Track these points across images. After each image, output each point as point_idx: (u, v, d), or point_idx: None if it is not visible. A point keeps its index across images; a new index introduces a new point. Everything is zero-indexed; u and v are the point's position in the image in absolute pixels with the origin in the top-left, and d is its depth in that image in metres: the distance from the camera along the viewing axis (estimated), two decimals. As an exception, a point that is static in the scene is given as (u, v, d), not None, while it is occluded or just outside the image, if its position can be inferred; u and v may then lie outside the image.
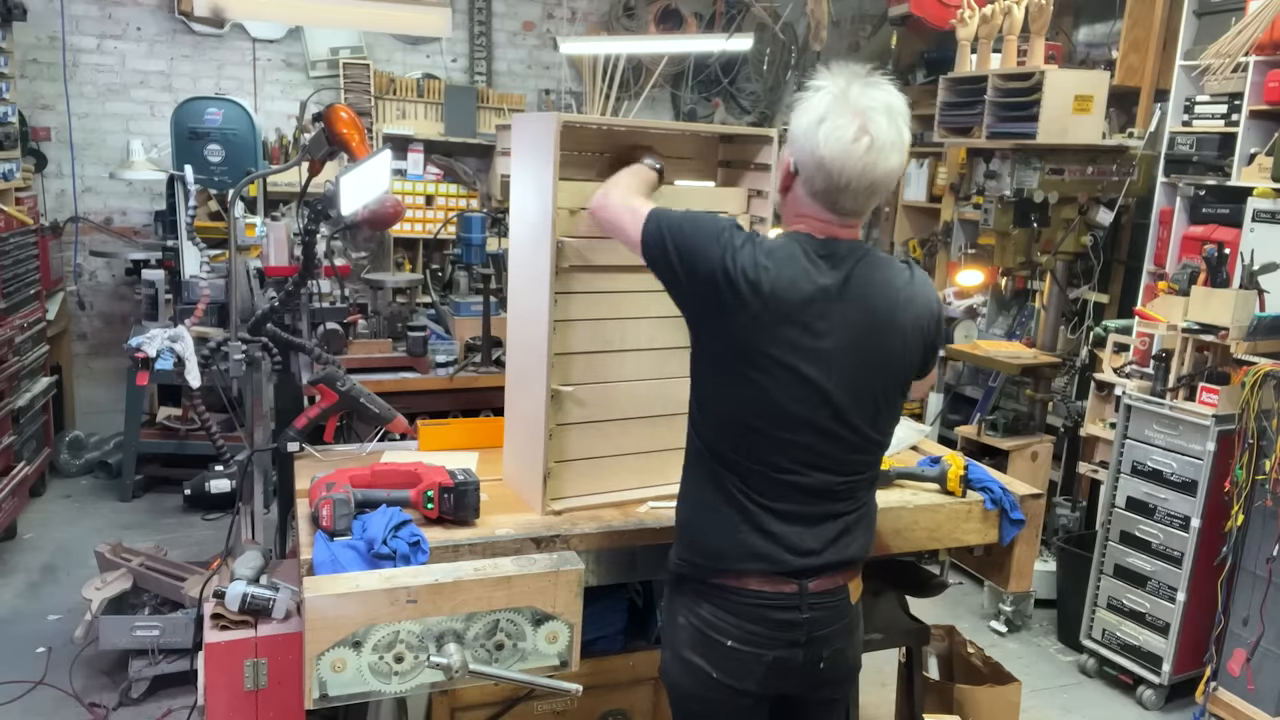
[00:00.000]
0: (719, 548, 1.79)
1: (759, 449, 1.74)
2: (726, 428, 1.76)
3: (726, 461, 1.77)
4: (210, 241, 4.09)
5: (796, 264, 1.69)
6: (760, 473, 1.75)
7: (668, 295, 1.90)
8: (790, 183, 1.76)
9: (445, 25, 4.72)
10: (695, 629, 1.82)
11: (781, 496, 1.76)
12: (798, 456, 1.74)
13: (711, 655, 1.80)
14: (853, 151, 1.63)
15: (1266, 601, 3.18)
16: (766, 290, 1.65)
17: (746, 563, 1.77)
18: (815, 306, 1.68)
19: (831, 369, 1.70)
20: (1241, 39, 3.50)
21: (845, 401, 1.72)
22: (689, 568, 1.84)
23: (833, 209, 1.71)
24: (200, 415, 2.73)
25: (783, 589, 1.78)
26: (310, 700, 1.66)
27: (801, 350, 1.68)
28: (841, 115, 1.63)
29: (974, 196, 4.56)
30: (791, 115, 1.74)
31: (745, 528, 1.76)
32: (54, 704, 3.16)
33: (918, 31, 5.78)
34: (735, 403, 1.74)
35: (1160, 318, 3.54)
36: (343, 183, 2.41)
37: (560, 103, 6.36)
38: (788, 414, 1.71)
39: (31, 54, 5.26)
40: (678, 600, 1.87)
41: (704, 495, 1.81)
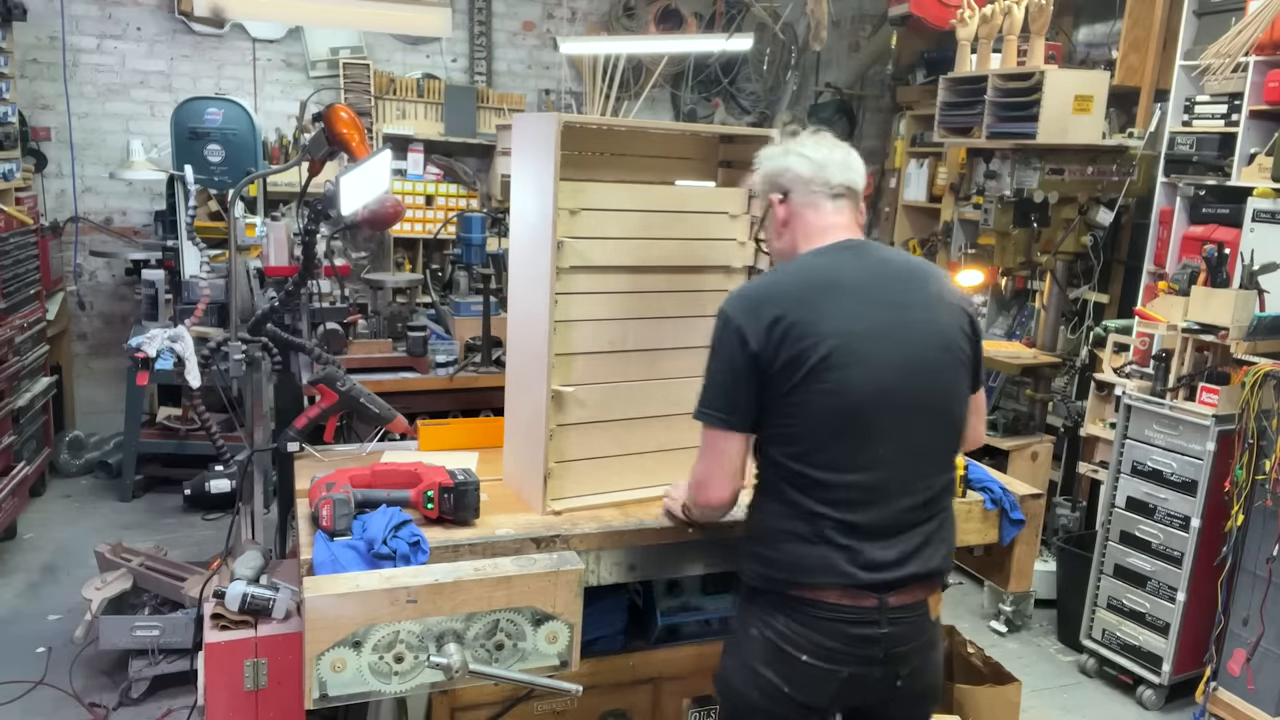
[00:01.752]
0: (795, 560, 1.75)
1: (834, 456, 1.72)
2: (799, 438, 1.73)
3: (799, 473, 1.74)
4: (210, 241, 4.09)
5: (808, 269, 1.79)
6: (837, 481, 1.72)
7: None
8: (785, 212, 1.88)
9: (445, 25, 4.73)
10: (769, 642, 1.78)
11: (859, 506, 1.72)
12: (874, 458, 1.72)
13: (784, 670, 1.76)
14: (819, 140, 1.88)
15: (1266, 601, 3.18)
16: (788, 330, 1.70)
17: (824, 576, 1.73)
18: (846, 294, 1.75)
19: (885, 339, 1.73)
20: (1241, 39, 3.49)
21: (915, 386, 1.74)
22: (763, 580, 1.80)
23: (826, 187, 1.84)
24: (200, 415, 2.73)
25: (861, 603, 1.73)
26: (310, 700, 1.66)
27: (853, 336, 1.71)
28: (798, 141, 1.89)
29: (974, 196, 4.56)
30: (759, 177, 1.93)
31: (822, 540, 1.73)
32: (54, 704, 3.16)
33: (918, 31, 5.78)
34: (805, 411, 1.71)
35: (1160, 318, 3.54)
36: (343, 183, 2.41)
37: (560, 103, 6.36)
38: (861, 412, 1.71)
39: (31, 54, 5.26)
40: (751, 612, 1.83)
41: (778, 506, 1.78)
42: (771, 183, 1.90)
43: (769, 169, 1.90)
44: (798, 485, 1.74)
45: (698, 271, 2.25)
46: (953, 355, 1.80)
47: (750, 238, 2.27)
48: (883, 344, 1.72)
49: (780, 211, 1.88)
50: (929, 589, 1.81)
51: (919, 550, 1.77)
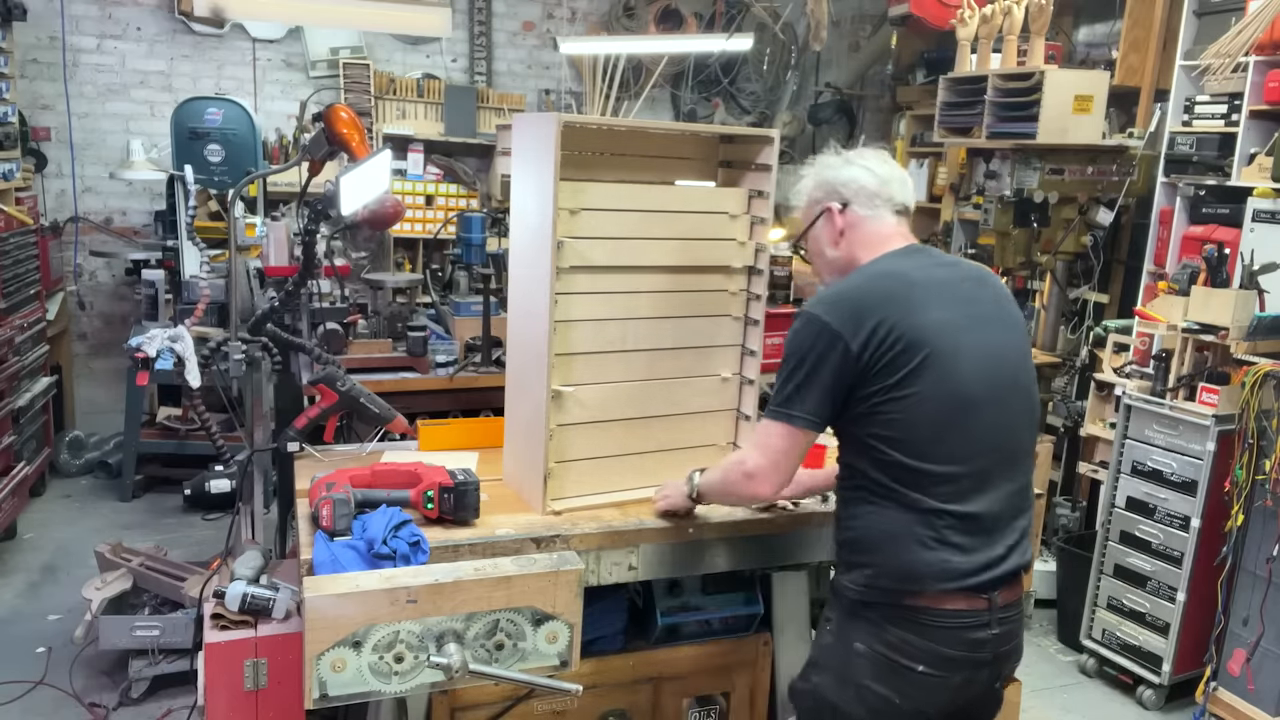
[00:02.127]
0: (911, 567, 1.72)
1: (949, 446, 1.72)
2: (912, 433, 1.72)
3: (914, 468, 1.71)
4: (210, 241, 4.09)
5: (887, 273, 1.81)
6: (952, 473, 1.71)
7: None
8: (844, 221, 1.90)
9: (445, 25, 4.72)
10: (880, 656, 1.74)
11: (972, 496, 1.72)
12: (983, 445, 1.74)
13: (897, 683, 1.74)
14: (881, 157, 1.94)
15: (1266, 601, 3.18)
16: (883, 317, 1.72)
17: (943, 581, 1.70)
18: (930, 290, 1.78)
19: (971, 331, 1.77)
20: (1241, 39, 3.49)
21: (1005, 373, 1.79)
22: (875, 593, 1.76)
23: (889, 202, 1.89)
24: (200, 415, 2.73)
25: (975, 605, 1.73)
26: (310, 700, 1.66)
27: (945, 326, 1.74)
28: (859, 152, 1.94)
29: (974, 196, 4.56)
30: (813, 183, 1.95)
31: (941, 542, 1.71)
32: (54, 704, 3.16)
33: (918, 31, 5.78)
34: (917, 404, 1.71)
35: (1160, 318, 3.54)
36: (343, 183, 2.41)
37: (560, 103, 6.36)
38: (969, 399, 1.73)
39: (31, 54, 5.26)
40: (856, 626, 1.79)
41: (892, 511, 1.74)
42: (831, 190, 1.92)
43: (829, 176, 1.93)
44: (911, 482, 1.72)
45: (698, 271, 2.25)
46: (1024, 345, 1.88)
47: (790, 247, 2.27)
48: (974, 335, 1.77)
49: (838, 221, 1.91)
50: (1023, 584, 1.83)
51: (1019, 543, 1.79)
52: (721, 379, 2.32)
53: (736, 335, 2.32)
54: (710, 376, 2.31)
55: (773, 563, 2.27)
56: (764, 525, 2.19)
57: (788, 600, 2.40)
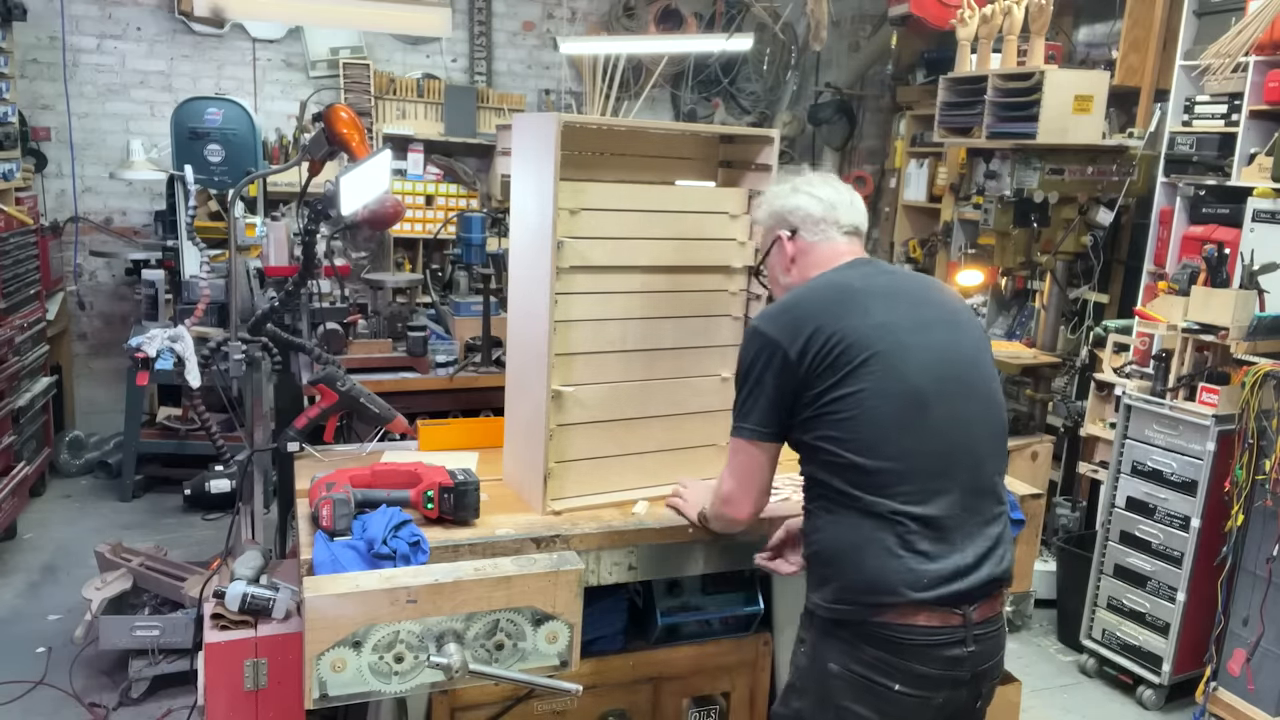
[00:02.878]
0: (877, 577, 1.69)
1: (901, 441, 1.70)
2: (862, 431, 1.70)
3: (865, 468, 1.70)
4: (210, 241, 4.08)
5: (829, 283, 1.84)
6: (906, 469, 1.69)
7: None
8: (794, 248, 1.93)
9: (445, 25, 4.72)
10: (855, 676, 1.72)
11: (932, 496, 1.70)
12: (938, 439, 1.72)
13: (876, 703, 1.71)
14: (825, 179, 1.96)
15: (1266, 601, 3.18)
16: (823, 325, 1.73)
17: (909, 591, 1.67)
18: (871, 295, 1.79)
19: (916, 333, 1.77)
20: (1241, 39, 3.49)
21: (959, 373, 1.79)
22: (845, 610, 1.73)
23: (836, 226, 1.91)
24: (200, 415, 2.73)
25: (949, 622, 1.70)
26: (310, 700, 1.66)
27: (888, 328, 1.75)
28: (805, 179, 1.96)
29: (974, 196, 4.55)
30: (764, 213, 1.99)
31: (903, 545, 1.68)
32: (54, 704, 3.16)
33: (918, 31, 5.78)
34: (863, 401, 1.70)
35: (1160, 318, 3.54)
36: (343, 183, 2.41)
37: (560, 103, 6.36)
38: (919, 392, 1.72)
39: (31, 54, 5.26)
40: (828, 646, 1.76)
41: (851, 518, 1.72)
42: (779, 219, 1.95)
43: (777, 206, 1.96)
44: (867, 484, 1.70)
45: (698, 271, 2.25)
46: (978, 346, 1.87)
47: (753, 271, 2.29)
48: (919, 336, 1.77)
49: (789, 248, 1.94)
50: (1001, 599, 1.80)
51: (991, 551, 1.75)
52: (721, 379, 2.32)
53: (736, 335, 2.32)
54: (710, 376, 2.31)
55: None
56: (764, 526, 2.19)
57: (788, 600, 2.40)
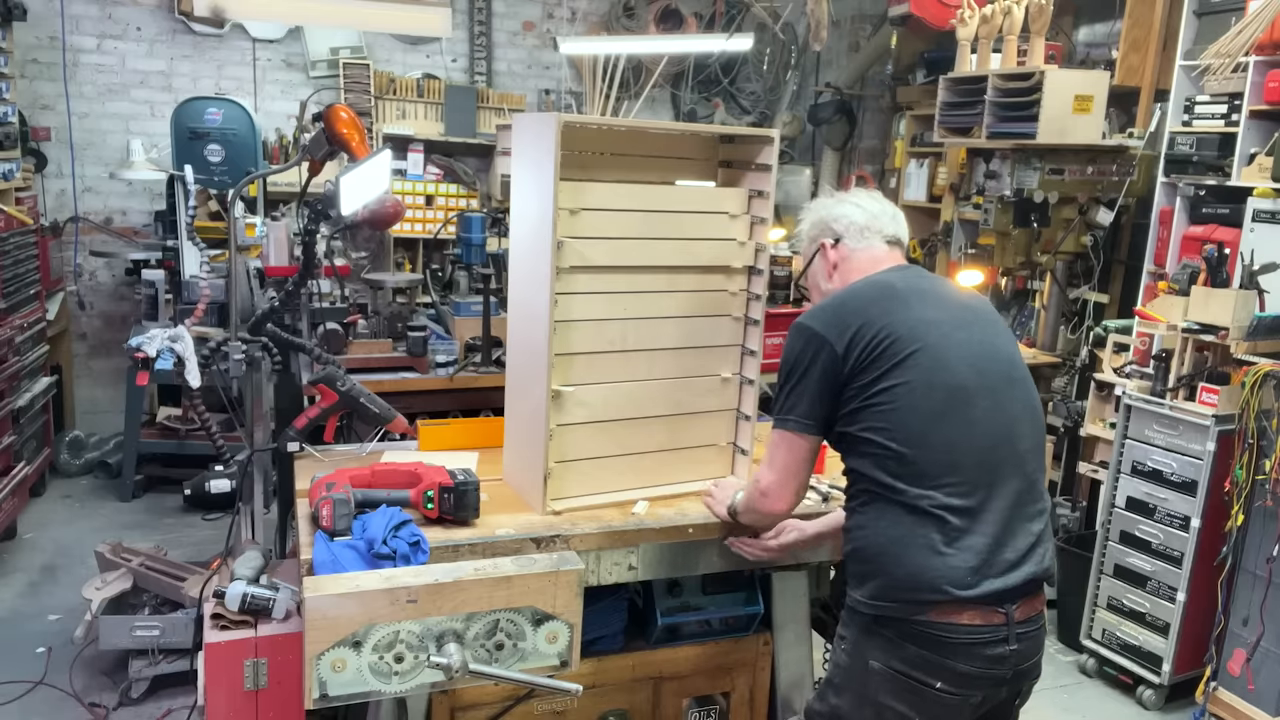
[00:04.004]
0: (919, 574, 1.69)
1: (944, 432, 1.72)
2: (906, 420, 1.72)
3: (911, 460, 1.71)
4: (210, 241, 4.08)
5: (871, 283, 1.88)
6: (949, 461, 1.71)
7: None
8: (836, 255, 1.98)
9: (445, 25, 4.72)
10: (896, 674, 1.72)
11: (975, 488, 1.71)
12: (980, 431, 1.74)
13: (916, 700, 1.72)
14: (870, 194, 2.03)
15: (1266, 601, 3.18)
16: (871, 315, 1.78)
17: (954, 586, 1.67)
18: (914, 294, 1.84)
19: (958, 332, 1.81)
20: (1241, 39, 3.50)
21: (999, 369, 1.82)
22: (888, 607, 1.73)
23: (880, 234, 1.97)
24: (200, 415, 2.74)
25: (992, 620, 1.70)
26: (310, 700, 1.66)
27: (932, 324, 1.79)
28: (850, 193, 2.03)
29: (974, 196, 4.56)
30: (808, 223, 2.05)
31: (947, 541, 1.68)
32: (54, 704, 3.16)
33: (918, 31, 5.78)
34: (908, 392, 1.73)
35: (1160, 318, 3.54)
36: (343, 183, 2.41)
37: (560, 103, 6.36)
38: (961, 384, 1.75)
39: (31, 54, 5.25)
40: (871, 644, 1.76)
41: (895, 513, 1.72)
42: (823, 227, 2.01)
43: (822, 214, 2.02)
44: (911, 477, 1.71)
45: (698, 271, 2.25)
46: (1015, 348, 1.91)
47: (794, 284, 2.32)
48: (963, 332, 1.81)
49: (831, 255, 1.99)
50: (1042, 597, 1.81)
51: (1034, 548, 1.76)
52: (721, 379, 2.32)
53: (736, 335, 2.32)
54: (710, 376, 2.31)
55: (773, 563, 2.27)
56: (764, 525, 2.19)
57: (788, 600, 2.40)
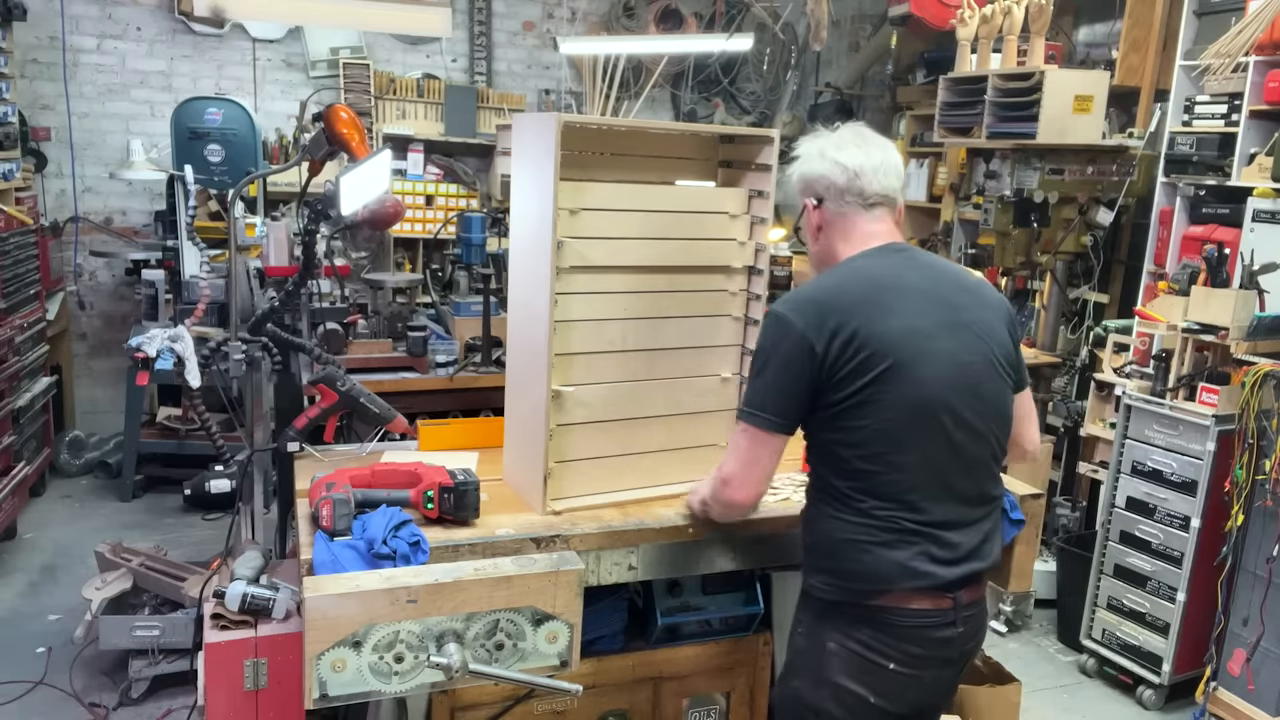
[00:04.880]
0: (875, 570, 1.73)
1: (909, 452, 1.72)
2: (873, 438, 1.72)
3: (873, 473, 1.73)
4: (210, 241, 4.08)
5: (860, 276, 1.80)
6: (911, 481, 1.72)
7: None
8: (819, 217, 1.89)
9: (445, 25, 4.72)
10: (852, 654, 1.77)
11: (933, 501, 1.74)
12: (944, 450, 1.74)
13: (870, 680, 1.76)
14: (858, 140, 1.87)
15: (1267, 601, 3.18)
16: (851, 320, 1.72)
17: (905, 581, 1.72)
18: (901, 296, 1.77)
19: (942, 338, 1.76)
20: (1241, 39, 3.50)
21: (972, 380, 1.77)
22: (842, 593, 1.78)
23: (860, 196, 1.84)
24: (200, 415, 2.73)
25: (941, 604, 1.75)
26: (310, 700, 1.66)
27: (913, 333, 1.74)
28: (836, 140, 1.88)
29: (974, 196, 4.56)
30: (795, 175, 1.92)
31: (902, 542, 1.72)
32: (54, 704, 3.16)
33: (918, 31, 5.78)
34: (878, 411, 1.71)
35: (1160, 318, 3.54)
36: (343, 183, 2.41)
37: (560, 103, 6.36)
38: (930, 405, 1.72)
39: (31, 54, 5.26)
40: (825, 625, 1.81)
41: (850, 516, 1.75)
42: (807, 185, 1.91)
43: (804, 171, 1.91)
44: (873, 490, 1.73)
45: (698, 271, 2.25)
46: (1002, 351, 1.84)
47: (794, 230, 2.26)
48: (944, 340, 1.76)
49: (814, 217, 1.91)
50: (984, 584, 1.87)
51: (980, 546, 1.80)
52: (721, 379, 2.32)
53: (736, 335, 2.32)
54: (710, 376, 2.31)
55: (773, 563, 2.27)
56: (764, 525, 2.19)
57: (788, 600, 2.39)
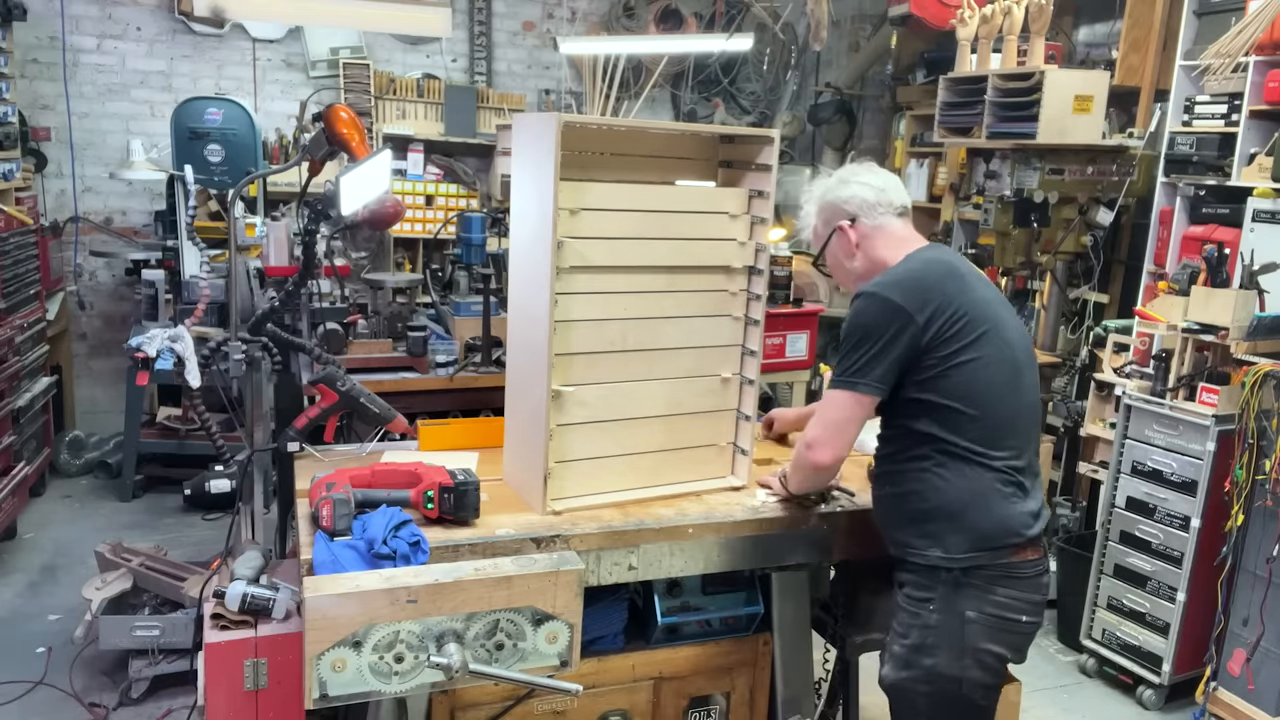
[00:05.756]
0: (1006, 523, 1.92)
1: (1008, 408, 1.95)
2: (979, 396, 1.91)
3: (983, 433, 1.91)
4: (210, 241, 4.09)
5: (936, 260, 2.03)
6: (1011, 433, 1.95)
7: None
8: (856, 234, 2.10)
9: (445, 25, 4.72)
10: (991, 618, 1.92)
11: (1023, 452, 1.97)
12: (1025, 405, 2.00)
13: (1009, 638, 1.95)
14: (868, 168, 2.15)
15: (1267, 601, 3.18)
16: (934, 294, 1.94)
17: (1029, 528, 1.93)
18: (967, 276, 2.02)
19: (1003, 310, 2.04)
20: (1241, 39, 3.50)
21: (1026, 346, 2.06)
22: (980, 557, 1.92)
23: (890, 208, 2.08)
24: (200, 415, 2.73)
25: (1039, 552, 1.98)
26: (310, 700, 1.66)
27: (991, 303, 2.01)
28: (849, 170, 2.16)
29: (974, 196, 4.56)
30: (816, 208, 2.16)
31: (1019, 491, 1.94)
32: (54, 704, 3.16)
33: (918, 31, 5.78)
34: (982, 371, 1.92)
35: (1160, 318, 3.54)
36: (343, 183, 2.41)
37: (560, 103, 6.36)
38: (1018, 364, 1.98)
39: (31, 54, 5.26)
40: (963, 596, 1.93)
41: (964, 474, 1.92)
42: (836, 210, 2.12)
43: (831, 198, 2.13)
44: (985, 439, 1.92)
45: (698, 271, 2.25)
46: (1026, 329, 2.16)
47: (813, 263, 2.38)
48: (1006, 311, 2.03)
49: (851, 235, 2.10)
50: None
51: (1043, 499, 2.03)
52: (722, 379, 2.32)
53: (737, 335, 2.32)
54: (710, 376, 2.31)
55: (773, 563, 2.27)
56: (764, 525, 2.20)
57: (788, 600, 2.40)
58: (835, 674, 2.68)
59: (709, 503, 2.25)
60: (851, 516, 2.27)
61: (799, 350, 4.09)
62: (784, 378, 4.22)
